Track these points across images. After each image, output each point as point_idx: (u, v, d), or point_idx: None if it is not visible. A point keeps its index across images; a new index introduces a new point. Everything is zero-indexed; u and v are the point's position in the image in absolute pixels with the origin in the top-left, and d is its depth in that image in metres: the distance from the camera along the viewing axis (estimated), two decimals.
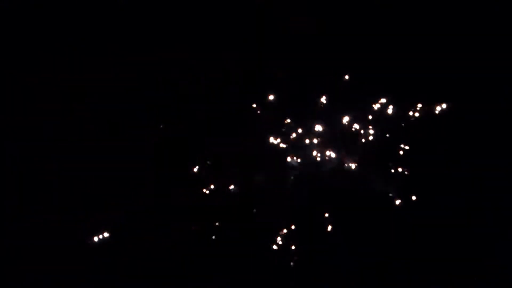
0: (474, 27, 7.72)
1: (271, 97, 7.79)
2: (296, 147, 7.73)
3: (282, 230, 7.49)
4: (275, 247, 7.46)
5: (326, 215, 7.52)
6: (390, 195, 7.56)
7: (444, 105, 7.69)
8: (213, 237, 7.51)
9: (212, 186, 7.62)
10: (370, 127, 7.75)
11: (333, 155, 7.68)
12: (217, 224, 7.54)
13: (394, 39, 7.77)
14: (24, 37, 7.71)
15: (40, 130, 7.58)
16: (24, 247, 7.31)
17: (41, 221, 7.35)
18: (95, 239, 7.40)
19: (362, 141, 7.73)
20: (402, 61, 7.67)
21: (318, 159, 7.67)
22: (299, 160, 7.68)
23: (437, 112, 7.70)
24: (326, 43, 7.82)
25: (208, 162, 7.69)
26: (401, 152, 7.66)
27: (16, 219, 7.40)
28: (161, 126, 7.73)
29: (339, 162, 7.67)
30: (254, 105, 7.79)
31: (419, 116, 7.73)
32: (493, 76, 7.63)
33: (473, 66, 7.57)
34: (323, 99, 7.80)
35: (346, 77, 7.82)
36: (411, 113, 7.74)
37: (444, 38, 7.75)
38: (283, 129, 7.78)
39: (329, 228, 7.50)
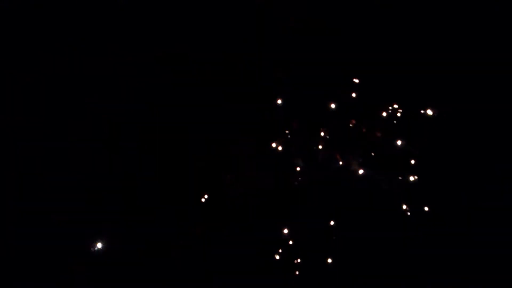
0: (475, 27, 7.72)
1: (271, 98, 7.79)
2: (298, 148, 7.72)
3: (284, 233, 7.48)
4: (277, 250, 7.46)
5: (331, 218, 7.51)
6: (398, 200, 7.54)
7: (451, 108, 7.67)
8: (214, 239, 7.50)
9: (213, 188, 7.61)
10: (372, 127, 7.75)
11: (335, 157, 7.66)
12: (218, 226, 7.53)
13: (395, 39, 7.77)
14: (24, 37, 7.70)
15: (40, 130, 7.58)
16: (24, 247, 7.31)
17: (40, 221, 7.35)
18: (95, 239, 7.39)
19: (365, 143, 7.73)
20: (404, 62, 7.66)
21: (320, 161, 7.66)
22: (300, 162, 7.67)
23: (444, 114, 7.67)
24: (327, 43, 7.82)
25: (208, 163, 7.69)
26: (410, 157, 7.63)
27: (16, 219, 7.40)
28: (161, 126, 7.72)
29: (342, 165, 7.66)
30: (254, 106, 7.79)
31: (425, 118, 7.71)
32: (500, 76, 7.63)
33: (477, 67, 7.57)
34: (324, 100, 7.79)
35: (347, 77, 7.81)
36: (416, 114, 7.74)
37: (446, 38, 7.75)
38: (284, 130, 7.77)
39: (334, 232, 7.48)
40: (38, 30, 7.71)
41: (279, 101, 7.76)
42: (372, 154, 7.66)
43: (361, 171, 7.57)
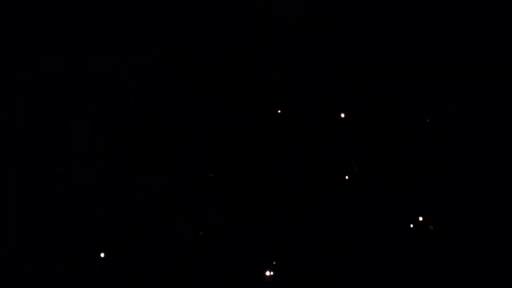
0: (475, 27, 7.72)
1: (271, 98, 7.80)
2: (298, 149, 7.72)
3: (285, 236, 7.48)
4: (277, 251, 7.47)
5: (333, 221, 7.52)
6: (404, 206, 7.53)
7: (452, 108, 7.66)
8: (214, 241, 7.50)
9: (212, 189, 7.61)
10: (372, 127, 7.75)
11: (336, 158, 7.66)
12: (217, 228, 7.53)
13: (395, 39, 7.77)
14: (24, 37, 7.71)
15: (40, 130, 7.59)
16: (24, 247, 7.31)
17: (40, 221, 7.36)
18: (95, 240, 7.40)
19: (367, 144, 7.73)
20: (404, 62, 7.67)
21: (320, 163, 7.66)
22: (301, 163, 7.67)
23: (453, 116, 7.66)
24: (327, 43, 7.82)
25: (208, 164, 7.69)
26: (419, 160, 7.61)
27: (16, 219, 7.40)
28: (161, 126, 7.72)
29: (344, 167, 7.66)
30: (254, 106, 7.79)
31: (426, 119, 7.70)
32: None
33: (477, 67, 7.56)
34: (324, 100, 7.79)
35: (347, 77, 7.82)
36: (417, 114, 7.74)
37: (446, 38, 7.75)
38: (284, 131, 7.76)
39: (335, 235, 7.47)
40: (38, 30, 7.72)
41: (279, 102, 7.77)
42: (373, 154, 7.67)
43: (360, 172, 7.59)
